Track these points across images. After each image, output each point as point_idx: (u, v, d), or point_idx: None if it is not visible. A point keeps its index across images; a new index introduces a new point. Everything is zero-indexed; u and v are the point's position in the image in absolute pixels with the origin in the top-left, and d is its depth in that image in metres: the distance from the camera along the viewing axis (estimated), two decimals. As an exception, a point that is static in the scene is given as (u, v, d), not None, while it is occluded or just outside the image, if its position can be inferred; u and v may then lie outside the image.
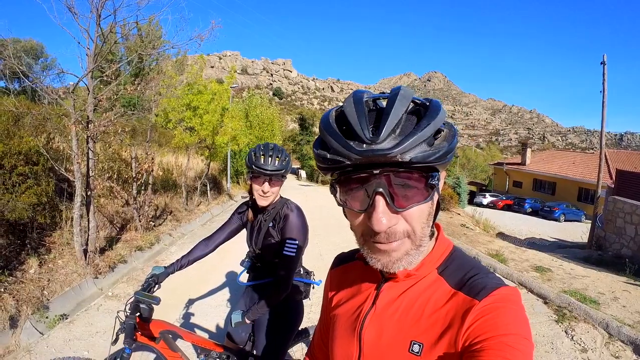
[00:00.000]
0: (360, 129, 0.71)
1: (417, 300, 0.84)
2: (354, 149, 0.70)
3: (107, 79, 6.62)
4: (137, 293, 2.11)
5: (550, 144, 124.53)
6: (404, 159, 0.69)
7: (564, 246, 14.99)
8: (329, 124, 0.78)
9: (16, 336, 3.99)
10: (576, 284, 6.22)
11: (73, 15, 5.51)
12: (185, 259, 2.46)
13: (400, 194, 0.74)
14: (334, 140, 0.74)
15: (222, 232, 2.59)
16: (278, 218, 2.33)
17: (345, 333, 0.95)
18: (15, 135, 6.05)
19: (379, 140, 0.69)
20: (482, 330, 0.71)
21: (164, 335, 2.24)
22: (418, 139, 0.70)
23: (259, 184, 2.24)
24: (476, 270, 0.84)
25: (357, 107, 0.75)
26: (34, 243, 5.54)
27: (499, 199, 33.43)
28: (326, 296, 1.16)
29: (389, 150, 0.68)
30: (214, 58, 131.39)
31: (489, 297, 0.75)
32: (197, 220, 10.81)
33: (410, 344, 0.80)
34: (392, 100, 0.73)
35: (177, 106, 11.09)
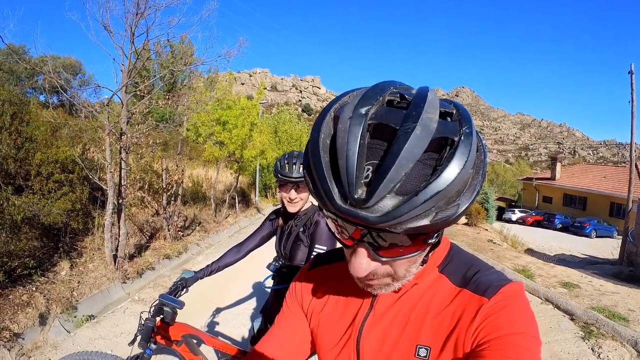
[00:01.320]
0: (347, 182, 0.56)
1: (419, 301, 0.79)
2: (335, 202, 0.58)
3: (140, 94, 6.97)
4: (161, 296, 2.16)
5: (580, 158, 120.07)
6: (396, 231, 0.58)
7: (595, 262, 14.43)
8: (317, 150, 0.61)
9: (44, 333, 4.19)
10: (605, 300, 6.00)
11: (109, 33, 5.84)
12: (216, 265, 2.51)
13: (386, 244, 0.64)
14: (317, 177, 0.61)
15: (253, 239, 2.65)
16: (309, 223, 2.37)
17: (336, 342, 0.88)
18: (53, 145, 6.43)
19: (367, 206, 0.55)
20: (491, 329, 0.67)
21: (186, 338, 2.27)
22: (423, 208, 0.55)
23: (286, 191, 2.31)
24: (477, 266, 0.80)
25: (351, 136, 0.57)
26: (67, 247, 5.81)
27: (528, 215, 32.53)
28: (297, 298, 1.01)
29: (377, 222, 0.56)
30: (245, 75, 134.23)
31: (498, 295, 0.71)
32: (224, 232, 11.01)
33: (417, 349, 0.75)
34: (405, 133, 0.55)
35: (207, 121, 11.43)
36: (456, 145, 0.56)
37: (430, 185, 0.54)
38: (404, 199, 0.55)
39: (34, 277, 4.73)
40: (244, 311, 5.28)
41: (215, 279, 4.66)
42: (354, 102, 0.60)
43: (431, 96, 0.60)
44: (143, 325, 2.06)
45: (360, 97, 0.60)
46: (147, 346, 2.03)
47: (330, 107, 0.65)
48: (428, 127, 0.55)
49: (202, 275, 2.43)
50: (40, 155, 5.92)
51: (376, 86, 0.63)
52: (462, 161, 0.55)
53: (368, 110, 0.58)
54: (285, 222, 2.52)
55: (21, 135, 6.02)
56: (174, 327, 2.22)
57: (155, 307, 2.14)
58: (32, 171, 5.90)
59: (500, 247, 12.22)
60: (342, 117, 0.59)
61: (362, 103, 0.59)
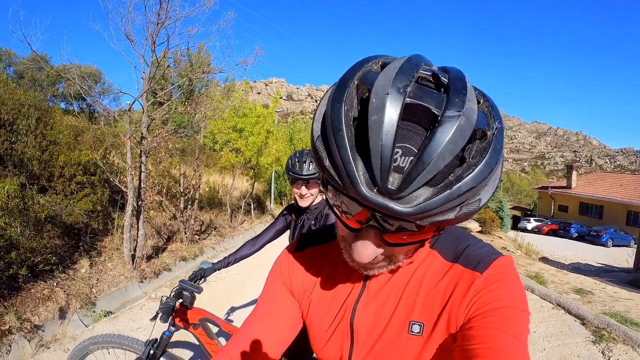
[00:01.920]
0: (379, 167, 0.51)
1: (412, 278, 0.78)
2: (359, 188, 0.52)
3: (160, 100, 7.20)
4: (181, 281, 2.29)
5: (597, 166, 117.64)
6: (421, 223, 0.56)
7: (610, 271, 14.16)
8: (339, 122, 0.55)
9: (64, 326, 4.36)
10: (618, 306, 5.94)
11: (130, 42, 6.06)
12: (232, 257, 2.63)
13: (393, 228, 0.60)
14: (339, 157, 0.54)
15: (268, 233, 2.78)
16: (320, 216, 2.51)
17: (329, 323, 0.88)
18: (76, 148, 6.68)
19: (399, 196, 0.52)
20: (483, 302, 0.68)
21: (203, 322, 2.38)
22: (454, 203, 0.53)
23: (297, 188, 2.45)
24: (466, 240, 0.80)
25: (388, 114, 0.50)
26: (87, 246, 6.01)
27: (544, 224, 32.05)
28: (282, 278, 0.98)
29: (408, 214, 0.53)
30: (261, 85, 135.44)
31: (490, 269, 0.71)
32: (239, 237, 11.16)
33: (410, 325, 0.76)
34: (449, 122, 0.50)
35: (223, 128, 11.69)
36: (489, 140, 0.54)
37: (464, 180, 0.52)
38: (436, 191, 0.52)
39: (55, 273, 4.92)
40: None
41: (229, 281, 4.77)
42: (388, 74, 0.53)
43: (468, 82, 0.56)
44: (164, 304, 2.17)
45: (397, 71, 0.53)
46: (167, 320, 2.14)
47: (352, 75, 0.58)
48: (471, 118, 0.52)
49: (220, 266, 2.54)
50: (64, 158, 6.18)
51: (410, 60, 0.57)
52: (494, 158, 0.54)
53: (406, 87, 0.52)
54: (297, 216, 2.65)
55: (45, 138, 6.30)
56: (192, 311, 2.33)
57: (176, 291, 2.26)
58: (56, 172, 6.15)
59: (514, 254, 12.12)
60: (376, 91, 0.52)
61: (400, 78, 0.53)
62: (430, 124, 0.53)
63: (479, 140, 0.55)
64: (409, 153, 0.53)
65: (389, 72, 0.54)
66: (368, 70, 0.58)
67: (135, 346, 2.34)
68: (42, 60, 6.09)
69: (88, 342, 2.42)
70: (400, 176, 0.52)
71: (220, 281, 6.37)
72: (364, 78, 0.56)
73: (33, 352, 3.81)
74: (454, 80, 0.55)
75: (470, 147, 0.54)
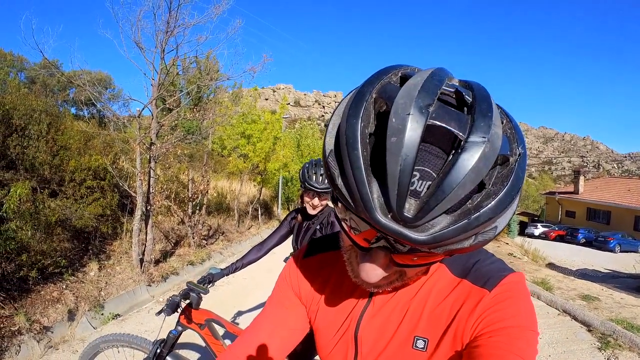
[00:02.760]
0: (395, 193, 0.48)
1: (418, 293, 0.76)
2: (373, 213, 0.49)
3: (169, 106, 7.31)
4: (189, 282, 2.37)
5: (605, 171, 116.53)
6: (436, 252, 0.53)
7: (618, 277, 14.01)
8: (355, 139, 0.51)
9: (72, 328, 4.43)
10: (625, 312, 5.89)
11: (140, 49, 6.17)
12: (240, 262, 2.69)
13: (404, 250, 0.57)
14: (352, 177, 0.51)
15: (273, 238, 2.85)
16: (325, 222, 2.59)
17: (334, 333, 0.87)
18: (86, 154, 6.80)
19: (416, 225, 0.49)
20: (490, 321, 0.65)
21: (209, 323, 2.43)
22: (471, 233, 0.51)
23: (309, 198, 2.54)
24: (477, 254, 0.77)
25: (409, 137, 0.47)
26: (96, 249, 6.11)
27: (551, 230, 31.87)
28: (291, 285, 0.98)
29: (423, 243, 0.50)
30: (268, 91, 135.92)
31: (498, 287, 0.69)
32: (247, 242, 11.21)
33: (414, 340, 0.74)
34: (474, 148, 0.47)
35: (232, 134, 11.79)
36: (512, 167, 0.51)
37: (483, 209, 0.49)
38: (453, 219, 0.49)
39: (65, 276, 5.00)
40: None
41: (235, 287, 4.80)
42: (410, 91, 0.49)
43: (494, 103, 0.52)
44: (170, 300, 2.24)
45: (420, 89, 0.49)
46: (170, 313, 2.19)
47: (369, 87, 0.54)
48: (495, 144, 0.48)
49: (228, 272, 2.60)
50: (74, 163, 6.29)
51: (433, 76, 0.52)
52: (516, 187, 0.51)
53: (428, 107, 0.48)
54: (304, 220, 2.72)
55: (56, 143, 6.42)
56: (199, 312, 2.39)
57: (183, 291, 2.33)
58: (66, 177, 6.27)
59: (520, 260, 12.06)
60: (396, 110, 0.48)
61: (423, 96, 0.48)
62: (451, 147, 0.49)
63: (500, 166, 0.51)
64: (427, 177, 0.50)
65: (411, 89, 0.50)
66: (387, 82, 0.55)
67: (144, 345, 2.40)
68: (54, 67, 6.22)
69: (99, 341, 2.49)
70: (416, 202, 0.49)
71: (227, 285, 6.42)
72: (383, 91, 0.53)
73: (42, 352, 3.88)
74: (479, 101, 0.51)
75: (491, 172, 0.50)
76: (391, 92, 0.51)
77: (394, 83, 0.55)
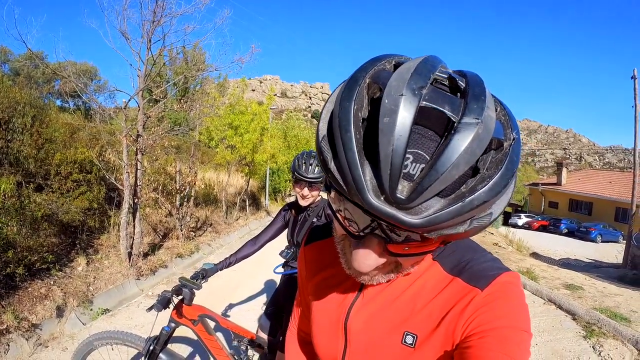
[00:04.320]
0: (388, 174, 0.48)
1: (410, 288, 0.76)
2: (366, 195, 0.49)
3: (156, 98, 7.20)
4: (181, 278, 2.35)
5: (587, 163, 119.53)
6: (429, 236, 0.53)
7: (600, 266, 14.43)
8: (348, 122, 0.51)
9: (61, 324, 4.38)
10: (608, 301, 6.05)
11: (126, 39, 6.03)
12: (234, 257, 2.68)
13: (400, 239, 0.57)
14: (345, 160, 0.51)
15: (267, 232, 2.84)
16: (322, 215, 2.61)
17: (327, 322, 0.88)
18: (72, 146, 6.68)
19: (409, 206, 0.49)
20: (481, 321, 0.65)
21: (202, 318, 2.44)
22: (465, 217, 0.50)
23: (300, 188, 2.53)
24: (472, 252, 0.76)
25: (402, 117, 0.47)
26: (83, 244, 6.02)
27: (534, 220, 32.68)
28: (301, 275, 1.03)
29: (416, 226, 0.49)
30: (255, 82, 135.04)
31: (491, 286, 0.67)
32: (235, 233, 11.19)
33: (404, 335, 0.73)
34: (467, 129, 0.47)
35: (219, 125, 11.69)
36: (506, 152, 0.52)
37: (477, 192, 0.49)
38: (447, 202, 0.49)
39: (52, 272, 4.93)
40: (255, 307, 5.42)
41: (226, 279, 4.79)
42: (402, 74, 0.50)
43: (487, 88, 0.53)
44: (161, 295, 2.23)
45: (412, 72, 0.50)
46: (161, 309, 2.18)
47: (363, 73, 0.55)
48: (489, 126, 0.48)
49: (222, 267, 2.60)
50: (60, 156, 6.18)
51: (426, 61, 0.53)
52: (511, 171, 0.51)
53: (421, 88, 0.49)
54: (297, 213, 2.73)
55: (41, 136, 6.29)
56: (192, 308, 2.39)
57: (175, 287, 2.32)
58: (52, 171, 6.16)
59: (505, 250, 12.26)
60: (389, 91, 0.49)
61: (415, 79, 0.49)
62: (444, 129, 0.49)
63: (494, 151, 0.52)
64: (421, 160, 0.50)
65: (404, 72, 0.50)
66: (381, 69, 0.55)
67: (138, 342, 2.41)
68: (38, 58, 6.07)
69: (93, 338, 2.48)
70: (410, 184, 0.49)
71: (218, 278, 6.38)
72: (376, 76, 0.53)
73: (31, 351, 3.83)
74: (472, 85, 0.51)
75: (485, 157, 0.51)
76: (385, 78, 0.51)
77: (388, 70, 0.55)
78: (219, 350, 2.53)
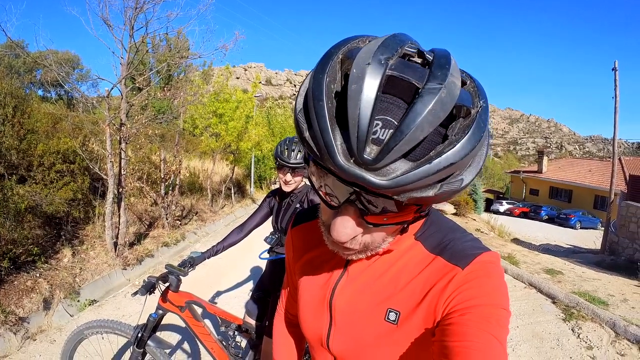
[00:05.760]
0: (356, 136, 0.51)
1: (393, 266, 0.78)
2: (336, 158, 0.53)
3: (139, 86, 7.10)
4: (168, 265, 2.37)
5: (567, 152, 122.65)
6: (398, 199, 0.55)
7: (578, 252, 14.87)
8: (320, 92, 0.55)
9: (49, 317, 4.37)
10: (586, 286, 6.25)
11: (108, 27, 5.91)
12: (220, 245, 2.69)
13: (377, 210, 0.61)
14: (317, 126, 0.54)
15: (253, 219, 2.86)
16: (305, 202, 2.62)
17: (313, 300, 0.90)
18: (54, 137, 6.57)
19: (376, 167, 0.51)
20: (462, 299, 0.66)
21: (189, 305, 2.47)
22: (433, 179, 0.53)
23: (283, 174, 2.55)
24: (454, 232, 0.79)
25: (368, 84, 0.51)
26: (69, 235, 5.98)
27: (516, 207, 33.42)
28: (288, 257, 1.07)
29: (383, 187, 0.52)
30: (240, 70, 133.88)
31: (471, 265, 0.70)
32: (221, 221, 11.19)
33: (387, 312, 0.76)
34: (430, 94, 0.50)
35: (204, 113, 11.59)
36: (473, 118, 0.54)
37: (443, 155, 0.51)
38: (415, 165, 0.52)
39: (38, 264, 4.90)
40: (242, 294, 5.47)
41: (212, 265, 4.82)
42: (370, 47, 0.54)
43: (453, 60, 0.56)
44: (146, 280, 2.25)
45: (379, 44, 0.54)
46: (144, 293, 2.20)
47: (337, 49, 0.58)
48: (453, 92, 0.51)
49: (209, 255, 2.61)
50: (42, 147, 6.09)
51: (395, 36, 0.57)
52: (477, 136, 0.53)
53: (387, 59, 0.53)
54: (281, 200, 2.76)
55: (23, 127, 6.17)
56: (179, 294, 2.41)
57: (162, 274, 2.34)
58: (35, 162, 6.07)
59: (487, 236, 12.53)
60: (357, 62, 0.53)
61: (382, 51, 0.53)
62: (412, 97, 0.52)
63: (462, 118, 0.55)
64: (389, 125, 0.52)
65: (372, 45, 0.54)
66: (354, 46, 0.59)
67: (127, 331, 2.44)
68: (18, 47, 5.93)
69: (83, 327, 2.51)
70: (378, 148, 0.51)
71: (205, 265, 6.40)
72: (350, 53, 0.57)
73: (19, 344, 3.83)
74: (438, 56, 0.55)
75: (454, 125, 0.54)
76: (356, 54, 0.55)
77: (360, 47, 0.58)
78: (206, 336, 2.57)
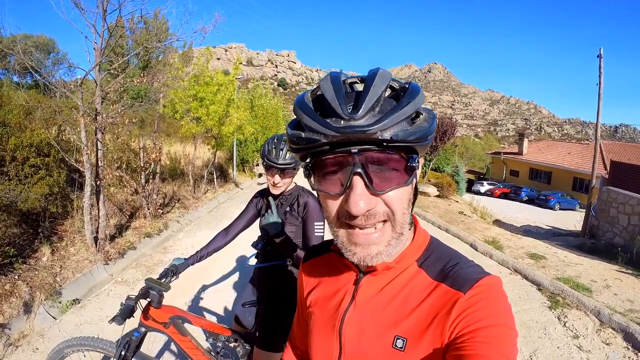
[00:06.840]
0: (338, 104, 0.68)
1: (398, 294, 0.82)
2: (332, 125, 0.67)
3: (115, 72, 6.80)
4: (147, 280, 2.22)
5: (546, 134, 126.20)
6: (384, 137, 0.67)
7: (559, 234, 15.27)
8: (304, 103, 0.74)
9: (30, 321, 4.22)
10: (569, 271, 6.36)
11: (80, 10, 5.59)
12: (205, 250, 2.56)
13: (380, 176, 0.71)
14: (310, 118, 0.70)
15: (239, 222, 2.70)
16: (296, 205, 2.44)
17: (323, 330, 0.93)
18: (27, 128, 6.28)
19: (358, 117, 0.66)
20: (468, 322, 0.69)
21: (173, 320, 2.34)
22: (398, 117, 0.67)
23: (271, 175, 2.37)
24: (456, 259, 0.83)
25: (335, 84, 0.71)
26: (46, 232, 5.79)
27: (496, 187, 34.10)
28: (301, 291, 1.10)
29: (369, 127, 0.66)
30: (220, 50, 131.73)
31: (474, 289, 0.73)
32: (204, 208, 11.05)
33: (394, 339, 0.78)
34: (370, 79, 0.70)
35: (184, 97, 11.28)
36: (407, 89, 0.73)
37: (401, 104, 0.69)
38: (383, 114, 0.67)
39: (15, 266, 4.74)
40: (228, 288, 5.40)
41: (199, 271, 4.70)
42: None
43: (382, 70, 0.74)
44: (124, 305, 2.12)
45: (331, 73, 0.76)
46: (122, 322, 2.07)
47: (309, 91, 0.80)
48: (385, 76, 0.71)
49: (193, 261, 2.49)
50: (15, 140, 5.80)
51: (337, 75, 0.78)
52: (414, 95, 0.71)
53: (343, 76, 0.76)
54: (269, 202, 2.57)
55: (-7, 120, 5.87)
56: (162, 310, 2.29)
57: (142, 290, 2.21)
58: (7, 157, 5.78)
59: (471, 218, 12.66)
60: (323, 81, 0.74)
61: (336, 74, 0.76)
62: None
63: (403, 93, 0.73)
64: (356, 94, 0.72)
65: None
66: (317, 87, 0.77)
67: (109, 349, 2.33)
68: (-15, 35, 5.59)
69: (63, 346, 2.40)
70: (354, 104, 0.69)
71: (189, 272, 6.28)
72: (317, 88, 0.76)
73: (1, 353, 3.69)
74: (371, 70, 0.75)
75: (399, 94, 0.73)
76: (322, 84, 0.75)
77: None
78: (194, 350, 2.47)
